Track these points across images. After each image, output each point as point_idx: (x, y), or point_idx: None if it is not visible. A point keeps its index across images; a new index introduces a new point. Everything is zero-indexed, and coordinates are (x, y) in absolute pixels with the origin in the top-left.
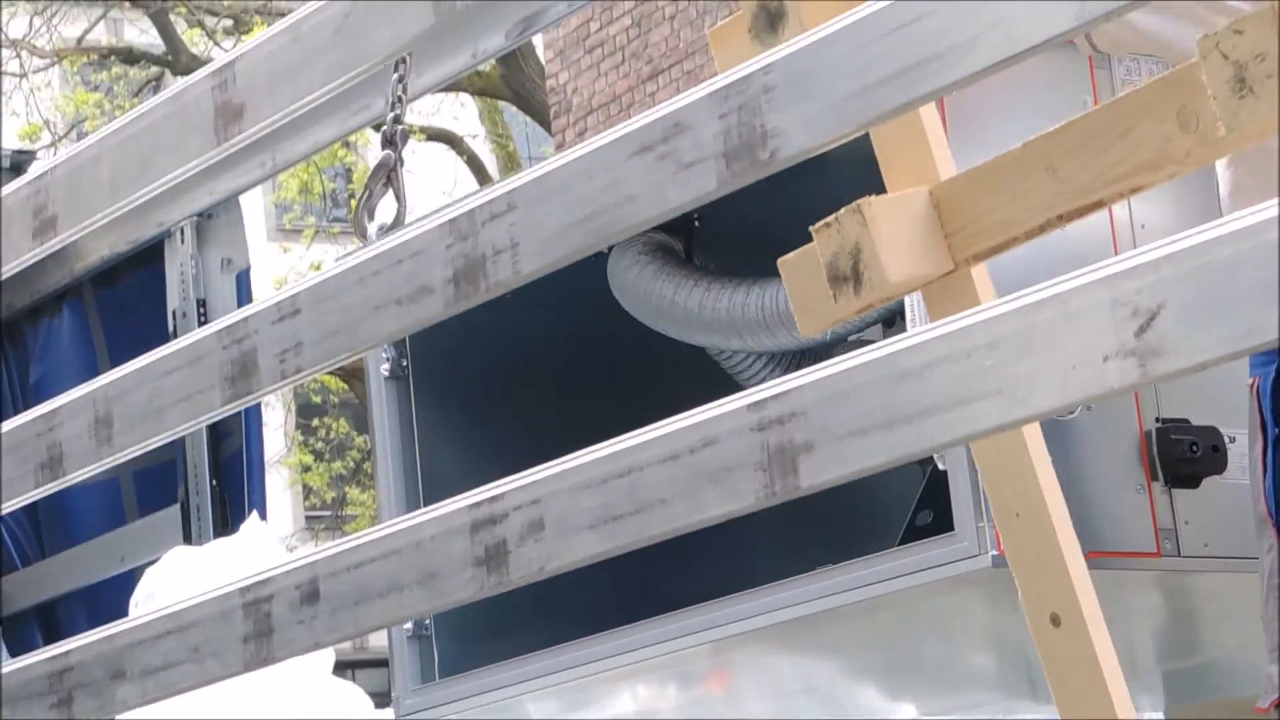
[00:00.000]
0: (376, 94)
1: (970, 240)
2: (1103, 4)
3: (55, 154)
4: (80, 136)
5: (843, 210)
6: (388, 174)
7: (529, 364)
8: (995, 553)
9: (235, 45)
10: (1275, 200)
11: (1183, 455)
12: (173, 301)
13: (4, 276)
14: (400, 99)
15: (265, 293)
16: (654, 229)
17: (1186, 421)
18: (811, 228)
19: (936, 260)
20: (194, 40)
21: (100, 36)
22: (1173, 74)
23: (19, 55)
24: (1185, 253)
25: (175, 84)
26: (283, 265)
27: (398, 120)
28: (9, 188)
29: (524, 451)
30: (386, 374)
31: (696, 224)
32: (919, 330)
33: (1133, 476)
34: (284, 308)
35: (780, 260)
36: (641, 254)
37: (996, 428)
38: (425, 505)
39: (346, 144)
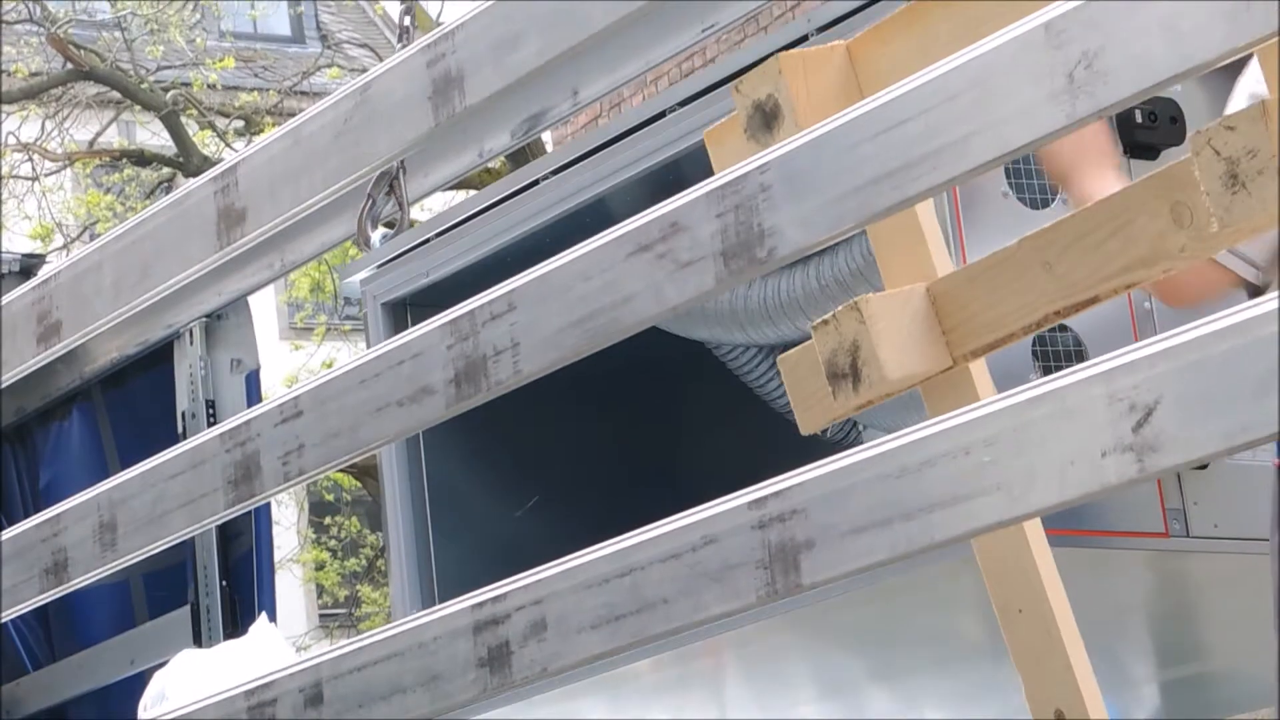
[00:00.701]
0: (382, 193)
1: (968, 336)
2: (1093, 102)
3: (67, 256)
4: (92, 239)
5: (841, 308)
6: (390, 181)
7: (539, 388)
8: None
9: (245, 146)
10: (1272, 295)
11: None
12: (182, 403)
13: (9, 382)
14: None
15: (277, 392)
16: None
17: None
18: (810, 325)
19: (935, 357)
20: (205, 142)
21: (112, 139)
22: (1166, 170)
23: (31, 158)
24: (1181, 347)
25: (178, 189)
26: (295, 363)
27: None
28: (12, 295)
29: (531, 471)
30: None
31: None
32: (918, 427)
33: None
34: (286, 410)
35: (780, 357)
36: None
37: (997, 524)
38: (433, 535)
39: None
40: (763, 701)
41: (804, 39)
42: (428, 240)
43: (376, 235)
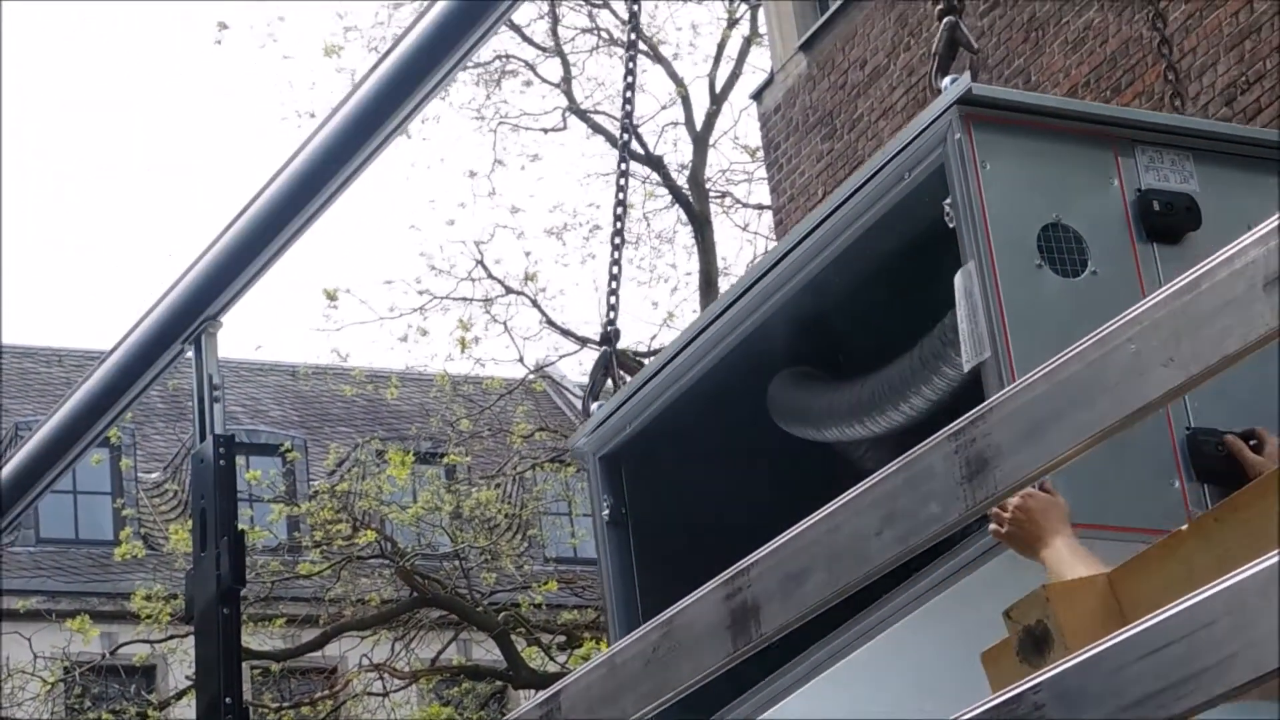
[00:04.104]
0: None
1: None
2: None
3: None
4: None
5: None
6: (605, 366)
7: (741, 517)
8: None
9: (568, 659)
10: None
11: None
12: None
13: None
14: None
15: None
16: (804, 365)
17: (1216, 430)
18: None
19: None
20: (532, 656)
21: (451, 656)
22: None
23: (382, 677)
24: None
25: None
26: None
27: (610, 324)
28: None
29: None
30: (607, 518)
31: (840, 360)
32: None
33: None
34: None
35: None
36: (789, 378)
37: None
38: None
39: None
40: None
41: None
42: (626, 401)
43: (594, 405)
